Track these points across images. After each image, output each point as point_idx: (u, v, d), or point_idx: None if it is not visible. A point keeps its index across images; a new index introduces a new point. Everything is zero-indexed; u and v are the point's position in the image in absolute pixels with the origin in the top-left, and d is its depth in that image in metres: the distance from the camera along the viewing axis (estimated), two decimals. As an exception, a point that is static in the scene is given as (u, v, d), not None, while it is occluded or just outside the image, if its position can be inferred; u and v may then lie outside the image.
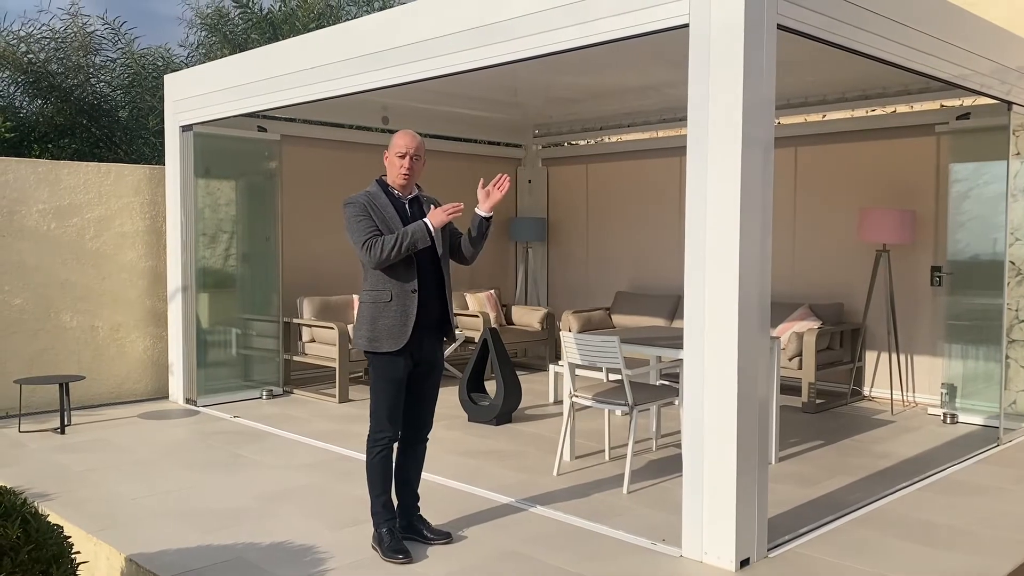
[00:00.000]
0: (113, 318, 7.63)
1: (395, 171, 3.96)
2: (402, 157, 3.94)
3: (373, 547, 4.01)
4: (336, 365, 7.59)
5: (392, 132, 9.35)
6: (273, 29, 12.14)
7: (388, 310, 3.90)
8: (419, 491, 4.23)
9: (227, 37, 12.22)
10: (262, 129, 7.93)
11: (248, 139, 7.83)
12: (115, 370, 7.66)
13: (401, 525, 4.12)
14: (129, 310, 7.72)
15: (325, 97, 6.10)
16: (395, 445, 4.03)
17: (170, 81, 7.67)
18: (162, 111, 11.02)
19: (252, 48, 10.95)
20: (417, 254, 3.94)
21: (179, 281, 7.57)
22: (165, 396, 7.91)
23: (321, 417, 7.03)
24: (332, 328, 7.60)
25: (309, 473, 5.37)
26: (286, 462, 5.64)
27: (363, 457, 5.67)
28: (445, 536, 4.13)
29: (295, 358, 8.05)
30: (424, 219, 3.89)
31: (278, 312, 8.05)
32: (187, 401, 7.62)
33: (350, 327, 7.69)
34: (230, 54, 11.75)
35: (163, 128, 10.50)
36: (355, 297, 8.25)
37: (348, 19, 12.63)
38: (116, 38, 11.89)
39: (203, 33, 12.49)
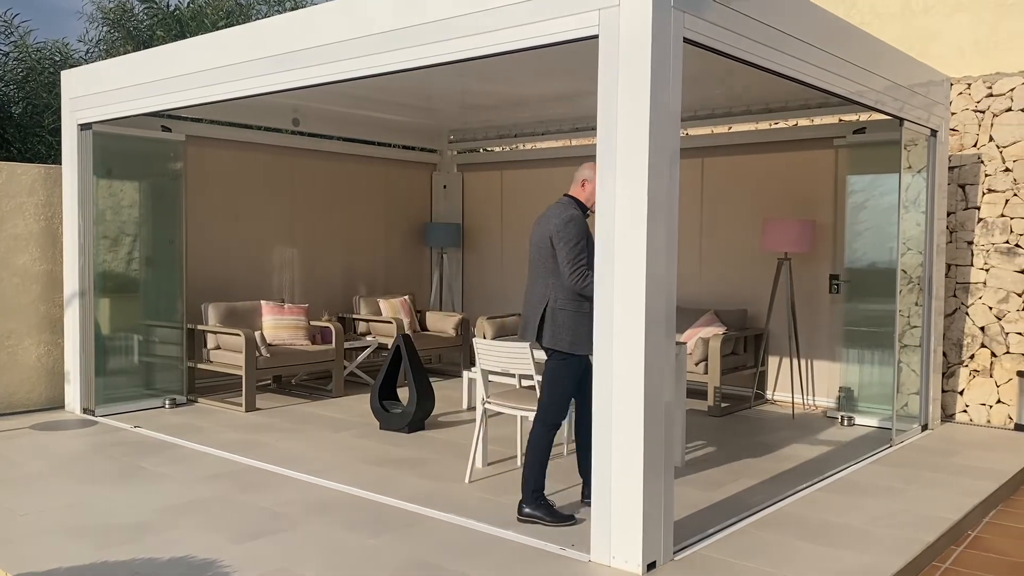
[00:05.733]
0: (4, 325, 7.25)
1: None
2: None
3: (528, 519, 4.52)
4: (242, 373, 7.39)
5: (302, 135, 9.19)
6: (180, 26, 11.79)
7: (587, 320, 4.45)
8: (338, 499, 4.17)
9: (131, 33, 11.80)
10: (166, 129, 7.68)
11: (151, 139, 7.56)
12: (5, 379, 7.28)
13: (585, 490, 4.85)
14: (21, 316, 7.35)
15: (232, 98, 5.95)
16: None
17: (67, 77, 7.35)
18: (59, 108, 10.57)
19: (157, 46, 10.61)
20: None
21: (76, 286, 7.25)
22: (61, 406, 7.56)
23: (227, 427, 6.83)
24: (239, 335, 7.40)
25: (213, 485, 5.21)
26: (189, 474, 5.46)
27: (269, 467, 5.58)
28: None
29: (199, 366, 7.81)
30: None
31: (182, 318, 7.80)
32: (84, 411, 7.30)
33: (258, 333, 7.51)
34: (133, 51, 11.35)
35: (60, 126, 10.07)
36: (263, 303, 8.07)
37: (258, 18, 12.36)
38: (8, 31, 11.34)
39: (104, 28, 12.03)
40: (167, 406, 7.58)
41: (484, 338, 8.20)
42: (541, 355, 5.64)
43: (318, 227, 9.30)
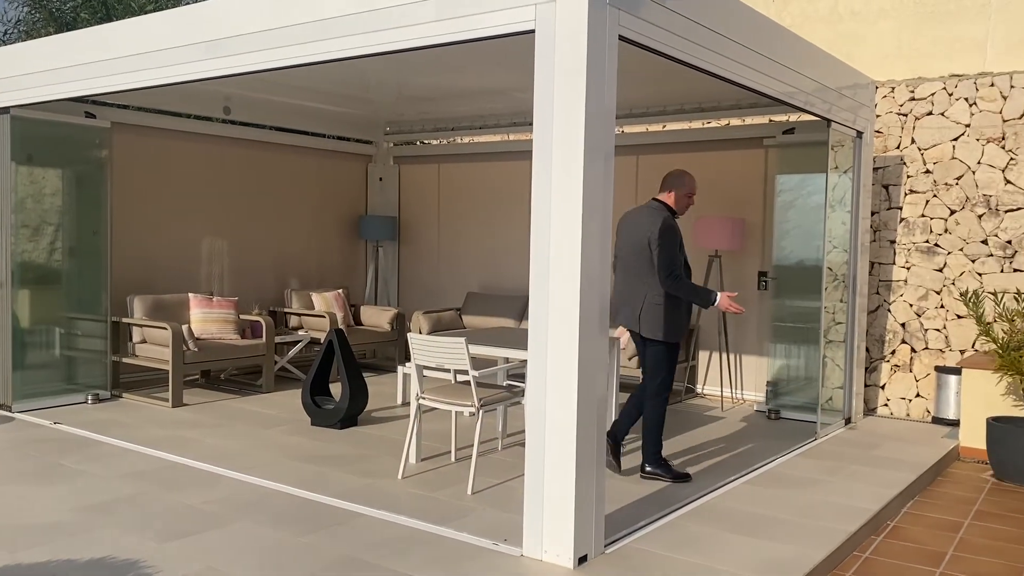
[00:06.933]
0: (-87, 316, 6.92)
1: (685, 206, 5.31)
2: (691, 196, 5.31)
3: (650, 476, 5.28)
4: (169, 368, 7.19)
5: (233, 123, 8.98)
6: (106, 9, 11.41)
7: (678, 313, 5.21)
8: (267, 497, 4.08)
9: (53, 15, 11.37)
10: (90, 115, 7.41)
11: (75, 125, 7.29)
12: (-86, 374, 6.95)
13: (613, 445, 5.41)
14: (-68, 308, 7.02)
15: (159, 84, 5.77)
16: None
17: (-16, 59, 7.04)
18: (-25, 91, 10.11)
19: (81, 28, 10.25)
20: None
21: (-8, 277, 6.96)
22: (-26, 402, 7.26)
23: (152, 423, 6.65)
24: (165, 328, 7.20)
25: (136, 482, 5.06)
26: (111, 471, 5.29)
27: (196, 464, 5.46)
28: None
29: (124, 360, 7.57)
30: (717, 296, 5.18)
31: (106, 311, 7.55)
32: (0, 407, 7.01)
33: (185, 327, 7.33)
34: (56, 33, 10.94)
35: (-24, 109, 9.66)
36: (191, 296, 7.86)
37: (189, 3, 12.04)
38: (-79, 8, 10.82)
39: (25, 9, 11.57)
40: (90, 401, 7.34)
41: (420, 333, 8.16)
42: (476, 350, 5.64)
43: (249, 218, 9.11)
